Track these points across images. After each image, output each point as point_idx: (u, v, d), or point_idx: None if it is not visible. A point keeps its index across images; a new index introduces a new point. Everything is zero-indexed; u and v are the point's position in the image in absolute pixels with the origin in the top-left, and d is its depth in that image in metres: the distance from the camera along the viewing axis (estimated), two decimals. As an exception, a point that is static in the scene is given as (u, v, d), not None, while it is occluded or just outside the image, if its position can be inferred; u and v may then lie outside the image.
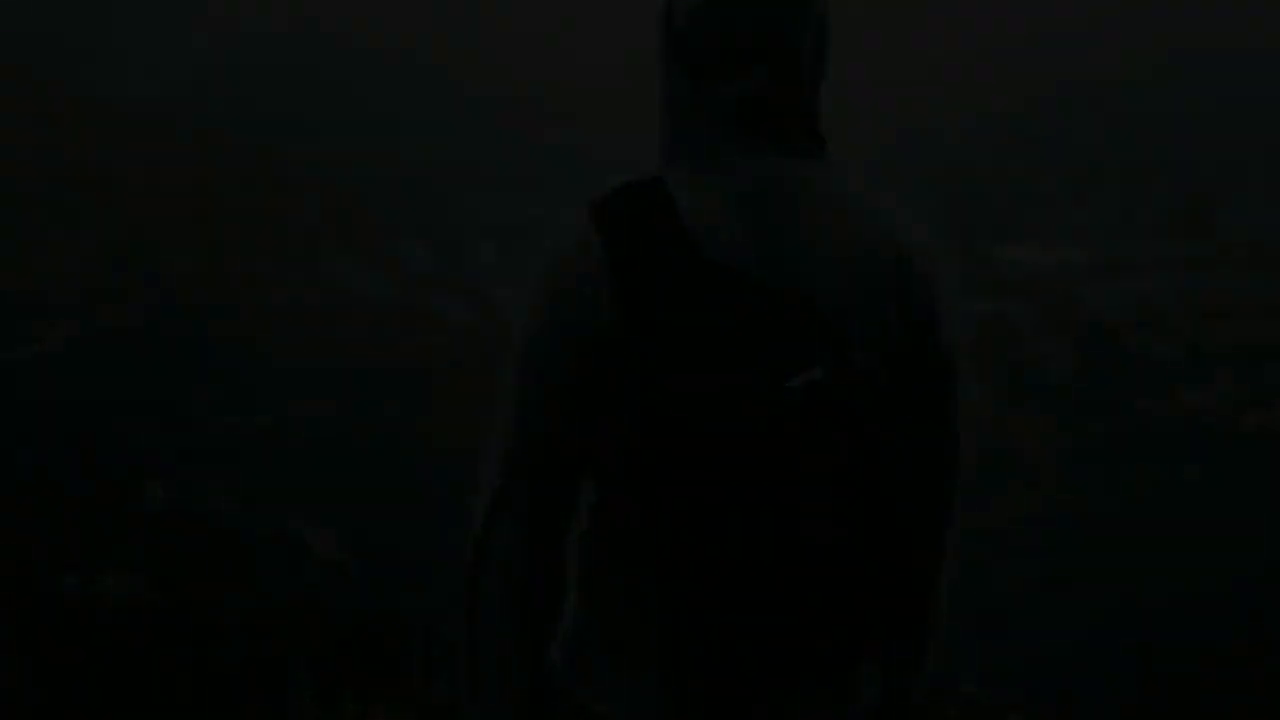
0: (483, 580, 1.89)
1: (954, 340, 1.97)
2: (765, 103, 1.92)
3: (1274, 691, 20.85)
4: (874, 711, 2.02)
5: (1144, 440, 38.40)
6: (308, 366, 37.51)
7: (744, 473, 1.77)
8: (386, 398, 35.25)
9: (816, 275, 1.88)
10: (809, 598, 1.80)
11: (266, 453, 28.61)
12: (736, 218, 1.89)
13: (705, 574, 1.78)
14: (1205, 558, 28.23)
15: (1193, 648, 23.04)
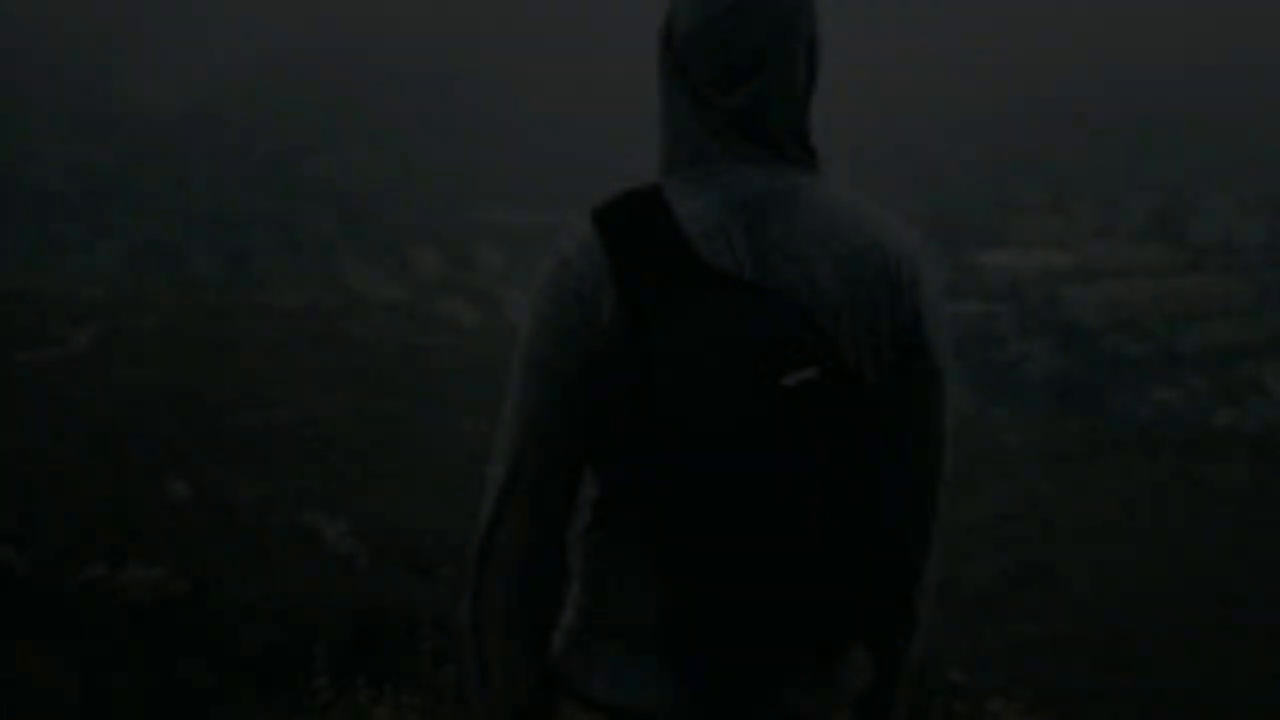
0: (489, 571, 1.90)
1: (940, 341, 1.98)
2: (759, 116, 1.93)
3: (1240, 673, 20.89)
4: (864, 696, 2.02)
5: (1120, 436, 38.47)
6: (323, 366, 37.55)
7: (740, 469, 1.77)
8: (398, 395, 35.29)
9: (809, 279, 1.89)
10: (803, 588, 1.80)
11: (284, 447, 28.66)
12: (732, 224, 1.90)
13: (704, 566, 1.78)
14: (1177, 549, 28.28)
15: (1164, 635, 23.08)
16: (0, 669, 6.93)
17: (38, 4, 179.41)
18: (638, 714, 1.88)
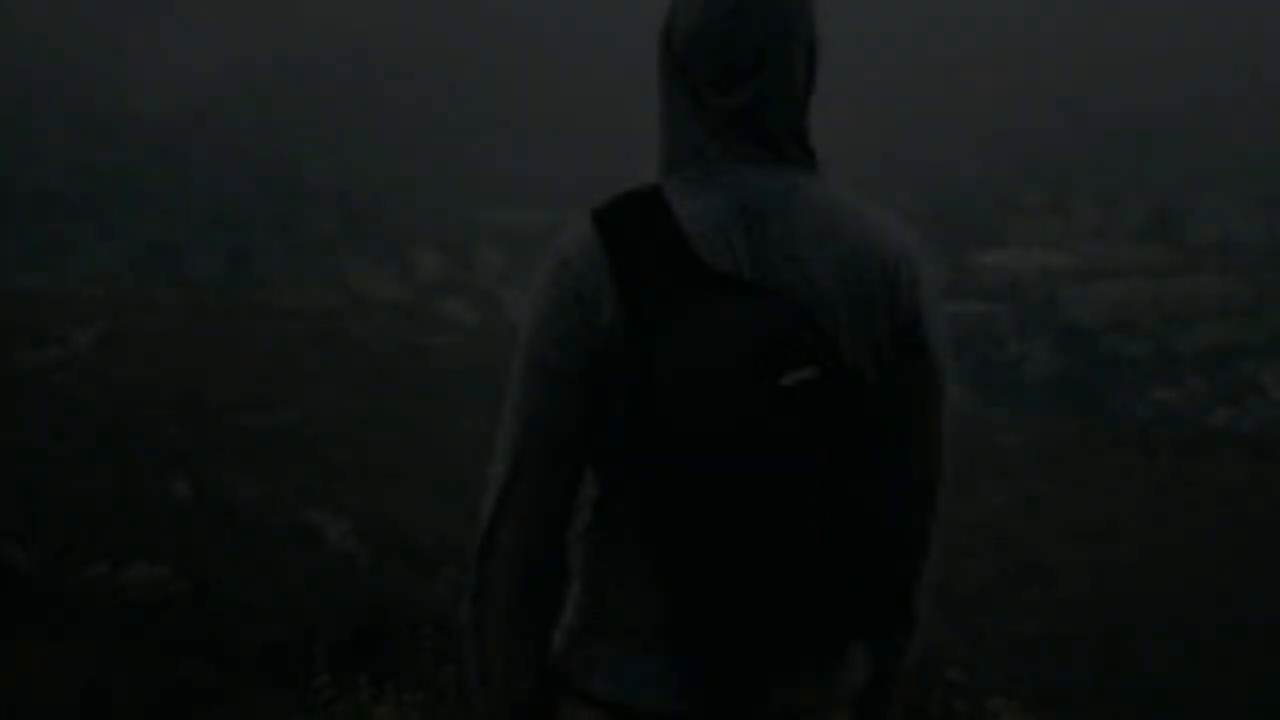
0: (489, 570, 1.90)
1: (939, 341, 1.98)
2: (759, 116, 1.93)
3: (1240, 673, 20.89)
4: (863, 693, 2.02)
5: (1118, 436, 38.47)
6: (323, 366, 37.53)
7: (740, 468, 1.77)
8: (398, 395, 35.28)
9: (808, 278, 1.90)
10: (803, 588, 1.80)
11: (284, 447, 28.65)
12: (732, 224, 1.90)
13: (704, 566, 1.78)
14: (1176, 548, 28.28)
15: (1163, 634, 23.08)
16: (0, 669, 6.92)
17: (39, 5, 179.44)
18: (638, 713, 1.88)
